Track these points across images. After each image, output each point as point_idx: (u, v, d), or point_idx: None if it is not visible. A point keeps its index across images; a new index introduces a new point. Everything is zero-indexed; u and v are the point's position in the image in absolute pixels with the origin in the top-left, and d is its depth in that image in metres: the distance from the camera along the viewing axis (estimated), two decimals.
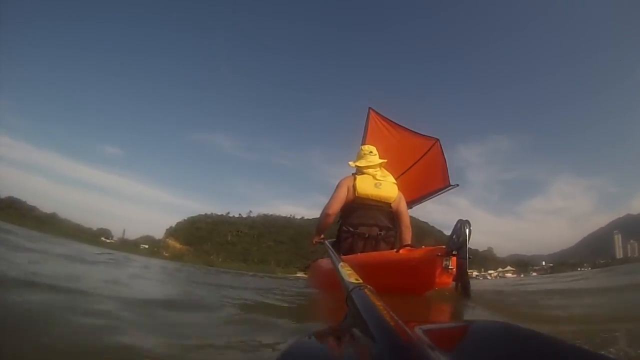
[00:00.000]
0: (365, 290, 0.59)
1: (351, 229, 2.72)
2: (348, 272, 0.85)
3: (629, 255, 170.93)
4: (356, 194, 2.72)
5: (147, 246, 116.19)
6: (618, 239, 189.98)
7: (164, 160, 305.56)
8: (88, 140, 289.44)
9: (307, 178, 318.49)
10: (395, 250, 2.01)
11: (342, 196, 2.74)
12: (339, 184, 2.81)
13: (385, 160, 2.99)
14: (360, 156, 2.99)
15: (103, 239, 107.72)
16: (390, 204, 2.78)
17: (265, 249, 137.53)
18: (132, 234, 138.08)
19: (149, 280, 3.09)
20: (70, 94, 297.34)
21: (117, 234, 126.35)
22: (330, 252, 1.81)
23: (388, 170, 3.00)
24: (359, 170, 2.90)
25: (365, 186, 2.74)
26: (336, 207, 2.74)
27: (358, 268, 1.44)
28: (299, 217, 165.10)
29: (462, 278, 1.81)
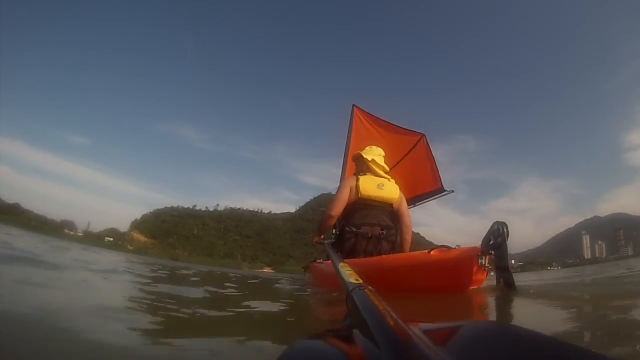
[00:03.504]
0: (366, 290, 0.58)
1: (354, 229, 2.69)
2: (348, 272, 0.86)
3: (597, 255, 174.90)
4: (359, 195, 2.71)
5: (111, 239, 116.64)
6: (586, 239, 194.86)
7: (131, 150, 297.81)
8: (55, 129, 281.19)
9: (272, 172, 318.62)
10: (426, 251, 2.01)
11: (345, 197, 2.73)
12: (341, 184, 2.80)
13: (389, 170, 3.06)
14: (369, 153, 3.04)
15: (67, 231, 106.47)
16: (392, 204, 2.79)
17: (231, 243, 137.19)
18: (97, 227, 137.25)
19: None
20: (38, 81, 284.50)
21: (81, 226, 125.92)
22: (330, 253, 1.87)
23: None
24: (362, 169, 2.94)
25: (368, 187, 2.74)
26: (339, 208, 2.74)
27: (385, 270, 1.94)
28: (266, 211, 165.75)
29: (504, 273, 1.90)
